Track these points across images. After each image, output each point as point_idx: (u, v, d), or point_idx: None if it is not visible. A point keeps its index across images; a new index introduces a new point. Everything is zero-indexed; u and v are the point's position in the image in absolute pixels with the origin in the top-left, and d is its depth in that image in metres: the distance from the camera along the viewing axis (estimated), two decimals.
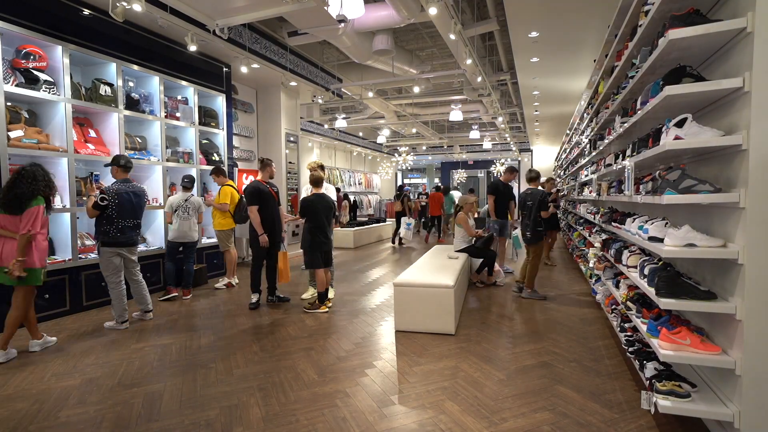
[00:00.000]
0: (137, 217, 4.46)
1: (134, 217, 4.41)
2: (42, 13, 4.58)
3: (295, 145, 9.32)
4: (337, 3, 4.32)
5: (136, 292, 4.59)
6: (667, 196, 2.29)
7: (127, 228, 4.35)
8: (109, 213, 4.22)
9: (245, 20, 5.50)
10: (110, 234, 4.25)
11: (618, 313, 3.69)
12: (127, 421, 2.61)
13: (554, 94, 10.02)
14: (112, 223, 4.24)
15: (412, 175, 30.15)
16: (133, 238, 4.44)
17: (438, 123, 16.69)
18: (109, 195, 4.22)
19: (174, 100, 6.37)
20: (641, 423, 2.57)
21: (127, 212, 4.32)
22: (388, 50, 7.37)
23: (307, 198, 5.02)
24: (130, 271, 4.53)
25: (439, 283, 4.16)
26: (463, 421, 2.60)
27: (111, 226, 4.25)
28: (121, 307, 4.35)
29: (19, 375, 3.27)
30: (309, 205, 4.94)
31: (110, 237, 4.25)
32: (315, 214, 4.91)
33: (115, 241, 4.27)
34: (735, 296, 2.15)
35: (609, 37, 4.47)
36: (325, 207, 4.98)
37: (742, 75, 2.05)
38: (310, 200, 4.96)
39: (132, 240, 4.43)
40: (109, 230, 4.25)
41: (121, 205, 4.27)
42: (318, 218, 4.91)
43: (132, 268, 4.54)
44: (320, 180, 5.12)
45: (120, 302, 4.33)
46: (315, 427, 2.54)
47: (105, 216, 4.22)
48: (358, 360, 3.55)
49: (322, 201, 4.99)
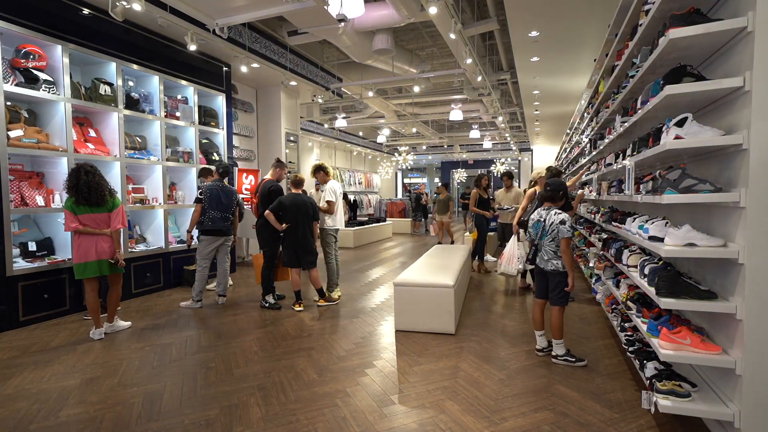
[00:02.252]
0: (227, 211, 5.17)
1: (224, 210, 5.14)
2: (42, 13, 4.58)
3: (295, 145, 9.32)
4: (337, 2, 4.31)
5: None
6: (667, 195, 2.28)
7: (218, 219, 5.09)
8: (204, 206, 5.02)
9: (245, 20, 5.50)
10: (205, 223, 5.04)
11: (618, 313, 3.69)
12: (127, 421, 2.61)
13: (554, 94, 10.01)
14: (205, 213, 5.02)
15: (412, 175, 30.14)
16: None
17: (438, 122, 16.69)
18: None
19: (174, 100, 6.37)
20: (641, 423, 2.57)
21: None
22: (388, 50, 7.37)
23: (282, 198, 5.00)
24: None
25: (439, 283, 4.16)
26: (463, 421, 2.60)
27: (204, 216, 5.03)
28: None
29: (19, 375, 3.27)
30: (282, 205, 4.93)
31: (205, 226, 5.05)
32: (288, 213, 4.90)
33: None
34: (735, 296, 2.15)
35: (609, 37, 4.46)
36: (300, 208, 4.93)
37: (743, 74, 2.05)
38: (284, 200, 4.95)
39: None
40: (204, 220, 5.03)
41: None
42: (292, 218, 4.90)
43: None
44: (301, 181, 5.14)
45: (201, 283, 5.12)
46: (315, 427, 2.54)
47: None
48: (359, 360, 3.55)
49: (297, 201, 4.95)
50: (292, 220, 4.91)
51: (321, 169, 5.51)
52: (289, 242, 4.95)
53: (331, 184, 5.44)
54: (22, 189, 4.50)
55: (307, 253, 5.02)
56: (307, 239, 5.00)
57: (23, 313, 4.42)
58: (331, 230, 5.43)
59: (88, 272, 3.95)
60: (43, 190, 4.72)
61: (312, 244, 5.08)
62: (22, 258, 4.57)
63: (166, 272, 6.06)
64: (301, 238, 4.95)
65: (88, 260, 3.93)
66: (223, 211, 5.12)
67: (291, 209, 4.92)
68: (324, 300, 5.21)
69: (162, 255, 5.93)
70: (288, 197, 4.98)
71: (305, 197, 5.04)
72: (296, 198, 4.97)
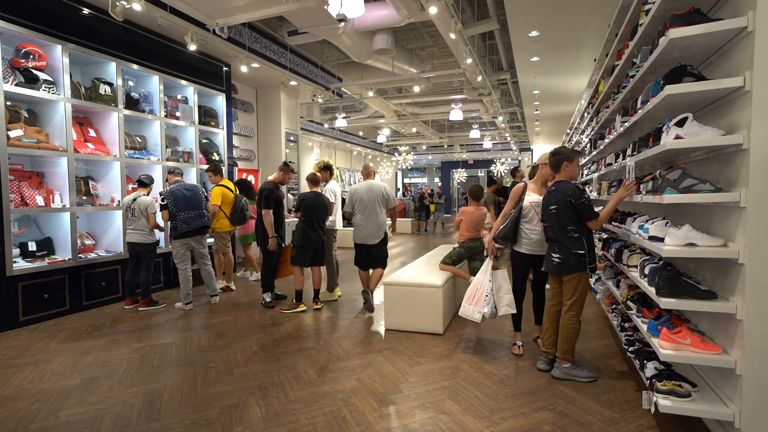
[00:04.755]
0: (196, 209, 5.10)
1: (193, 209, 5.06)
2: (41, 12, 4.57)
3: (295, 145, 9.32)
4: (337, 2, 4.31)
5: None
6: (667, 195, 2.28)
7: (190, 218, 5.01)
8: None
9: (245, 19, 5.49)
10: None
11: (618, 313, 3.69)
12: (127, 421, 2.61)
13: (554, 94, 10.01)
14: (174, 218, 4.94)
15: (412, 175, 30.14)
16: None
17: (438, 122, 16.68)
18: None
19: (174, 100, 6.36)
20: (641, 423, 2.57)
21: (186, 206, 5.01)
22: (388, 49, 7.37)
23: (303, 194, 4.99)
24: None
25: (427, 283, 4.16)
26: (463, 421, 2.59)
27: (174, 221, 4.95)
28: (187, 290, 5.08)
29: (19, 374, 3.27)
30: (306, 202, 4.90)
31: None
32: (310, 211, 4.88)
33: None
34: (735, 296, 2.15)
35: (609, 37, 4.46)
36: (317, 206, 4.92)
37: (743, 74, 2.05)
38: (306, 197, 4.93)
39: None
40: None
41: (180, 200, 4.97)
42: (312, 216, 4.87)
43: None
44: (317, 179, 5.09)
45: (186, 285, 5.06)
46: (315, 427, 2.54)
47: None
48: (359, 359, 3.55)
49: (319, 200, 4.94)
50: (311, 218, 4.86)
51: (328, 169, 5.50)
52: (305, 240, 4.86)
53: (331, 185, 5.44)
54: (22, 189, 4.50)
55: (321, 250, 4.99)
56: (322, 238, 4.97)
57: (23, 313, 4.42)
58: (332, 230, 5.43)
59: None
60: (43, 190, 4.72)
61: (325, 242, 5.06)
62: (22, 258, 4.57)
63: (166, 272, 6.06)
64: (317, 236, 4.90)
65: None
66: (195, 209, 5.01)
67: (312, 207, 4.86)
68: (319, 302, 5.12)
69: (161, 255, 5.92)
70: (309, 195, 4.92)
71: (322, 196, 5.00)
72: (318, 196, 4.94)
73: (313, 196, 4.93)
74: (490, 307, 3.57)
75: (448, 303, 4.33)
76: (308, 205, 4.88)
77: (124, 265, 5.33)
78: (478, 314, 3.62)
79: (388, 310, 4.29)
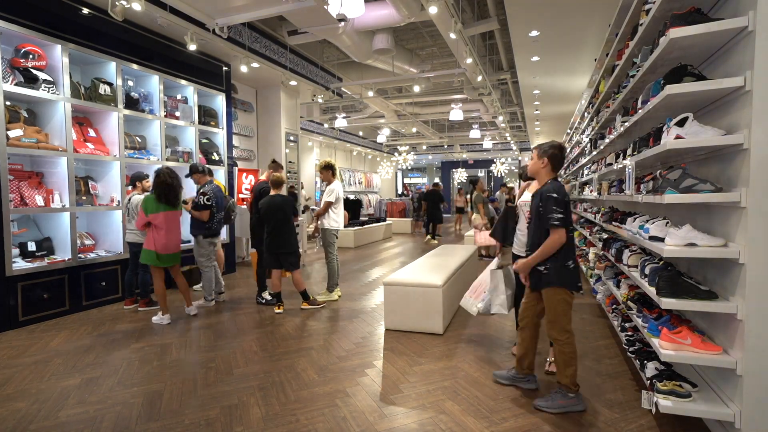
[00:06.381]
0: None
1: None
2: (41, 12, 4.57)
3: (295, 145, 9.31)
4: (337, 2, 4.30)
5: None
6: (668, 195, 2.28)
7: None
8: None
9: (245, 19, 5.49)
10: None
11: (618, 313, 3.69)
12: (127, 421, 2.61)
13: (555, 93, 10.01)
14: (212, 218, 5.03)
15: (412, 175, 30.14)
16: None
17: (438, 122, 16.68)
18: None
19: (173, 100, 6.36)
20: (642, 423, 2.57)
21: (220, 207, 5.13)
22: (388, 49, 7.37)
23: (263, 200, 4.93)
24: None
25: (427, 283, 4.16)
26: (463, 421, 2.59)
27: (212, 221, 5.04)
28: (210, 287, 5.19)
29: (19, 374, 3.27)
30: (263, 209, 4.86)
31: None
32: (270, 217, 4.84)
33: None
34: (736, 296, 2.14)
35: (610, 36, 4.46)
36: (277, 209, 4.85)
37: (744, 74, 2.05)
38: (262, 204, 4.90)
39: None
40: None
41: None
42: (273, 221, 4.83)
43: None
44: (280, 182, 5.01)
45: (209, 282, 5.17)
46: (315, 427, 2.54)
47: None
48: (358, 360, 3.55)
49: (274, 203, 4.87)
50: (270, 222, 4.84)
51: (329, 168, 5.50)
52: (269, 244, 4.87)
53: (333, 185, 5.43)
54: (21, 189, 4.49)
55: (288, 254, 4.90)
56: (286, 240, 4.87)
57: (23, 314, 4.42)
58: (333, 230, 5.42)
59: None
60: (43, 189, 4.72)
61: (294, 244, 4.96)
62: (21, 258, 4.57)
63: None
64: (280, 240, 4.85)
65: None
66: (222, 209, 5.21)
67: (269, 211, 4.85)
68: (308, 303, 5.04)
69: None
70: (265, 200, 4.92)
71: (283, 197, 4.96)
72: (273, 199, 4.89)
73: (270, 201, 4.87)
74: (485, 304, 3.54)
75: (448, 303, 4.33)
76: (266, 212, 4.85)
77: (124, 265, 5.32)
78: (475, 307, 3.62)
79: (388, 310, 4.29)
